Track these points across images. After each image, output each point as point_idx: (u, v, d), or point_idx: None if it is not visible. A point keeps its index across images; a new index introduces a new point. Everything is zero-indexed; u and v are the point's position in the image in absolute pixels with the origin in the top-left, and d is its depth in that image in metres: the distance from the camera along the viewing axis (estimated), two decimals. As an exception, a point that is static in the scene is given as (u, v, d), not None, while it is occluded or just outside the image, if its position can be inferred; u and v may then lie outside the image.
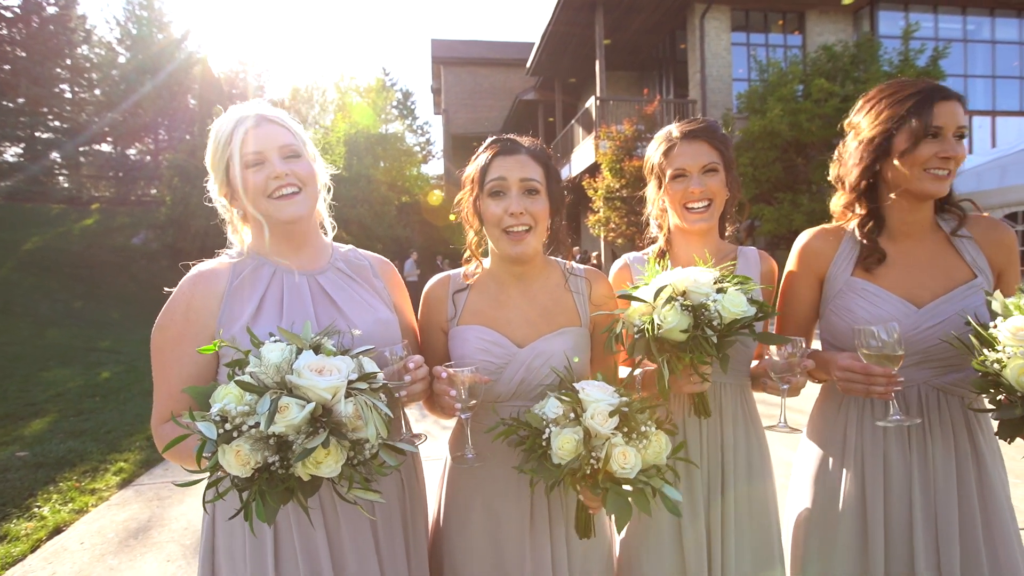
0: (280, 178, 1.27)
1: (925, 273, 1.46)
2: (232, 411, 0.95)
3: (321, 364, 0.99)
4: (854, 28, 15.16)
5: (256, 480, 0.95)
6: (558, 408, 1.22)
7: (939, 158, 1.37)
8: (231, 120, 1.28)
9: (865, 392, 1.30)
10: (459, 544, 1.47)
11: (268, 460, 0.95)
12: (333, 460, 0.98)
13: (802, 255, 1.61)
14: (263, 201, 1.27)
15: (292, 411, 0.94)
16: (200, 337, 1.23)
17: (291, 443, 0.95)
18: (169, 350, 1.25)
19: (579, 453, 1.15)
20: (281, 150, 1.29)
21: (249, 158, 1.26)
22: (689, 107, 14.93)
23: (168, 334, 1.25)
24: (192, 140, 18.05)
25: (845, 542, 1.48)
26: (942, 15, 15.34)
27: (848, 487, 1.50)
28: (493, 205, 1.39)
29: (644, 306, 1.31)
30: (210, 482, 0.99)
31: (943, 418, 1.44)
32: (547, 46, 17.78)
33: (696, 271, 1.32)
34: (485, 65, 28.81)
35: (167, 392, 1.25)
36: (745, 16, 15.00)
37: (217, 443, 0.94)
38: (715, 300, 1.25)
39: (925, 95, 1.39)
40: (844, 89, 11.54)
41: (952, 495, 1.41)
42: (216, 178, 1.32)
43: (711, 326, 1.25)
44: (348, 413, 0.98)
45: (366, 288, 1.43)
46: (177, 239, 16.25)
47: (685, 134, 1.59)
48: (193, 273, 1.29)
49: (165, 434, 1.22)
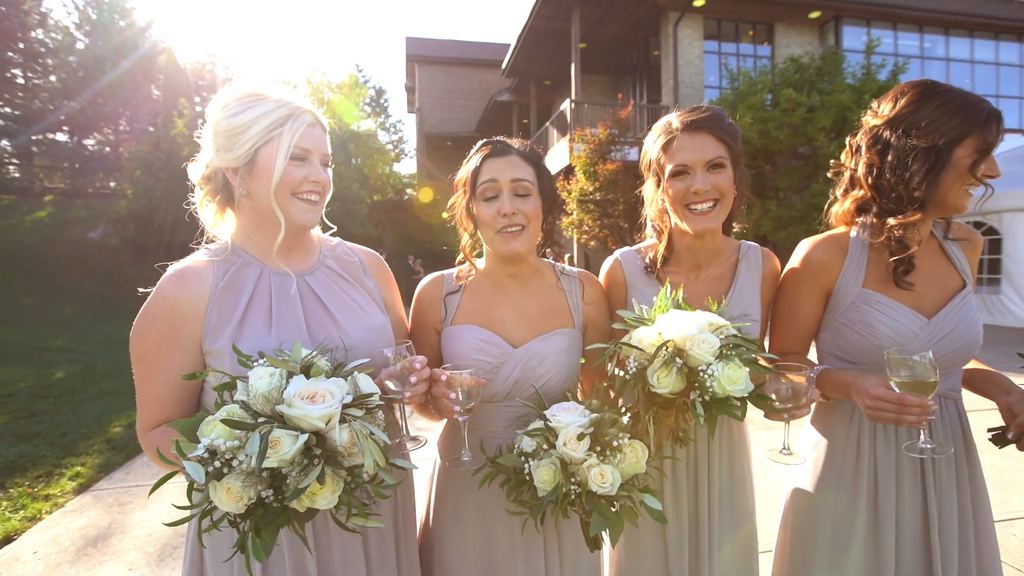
0: (317, 183, 1.25)
1: (926, 283, 1.43)
2: (221, 446, 0.89)
3: (312, 390, 0.94)
4: (820, 41, 15.65)
5: (252, 514, 0.91)
6: (532, 443, 1.22)
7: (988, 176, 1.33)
8: (283, 106, 1.22)
9: (896, 421, 1.22)
10: (451, 547, 1.45)
11: (262, 495, 0.90)
12: (329, 491, 0.94)
13: (807, 267, 1.49)
14: (287, 197, 1.22)
15: (284, 445, 0.89)
16: (186, 342, 1.17)
17: (285, 476, 0.91)
18: (153, 357, 1.17)
19: (558, 481, 1.15)
20: (323, 157, 1.27)
21: (298, 152, 1.22)
22: (662, 112, 15.11)
23: (151, 340, 1.17)
24: (156, 132, 17.41)
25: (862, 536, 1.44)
26: (901, 32, 15.98)
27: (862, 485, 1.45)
28: (485, 207, 1.38)
29: (640, 352, 1.24)
30: (203, 512, 0.92)
31: (943, 422, 1.44)
32: (523, 48, 17.82)
33: (704, 324, 1.21)
34: (460, 65, 28.69)
35: (153, 398, 1.19)
36: (717, 26, 15.33)
37: (207, 480, 0.89)
38: (712, 374, 1.16)
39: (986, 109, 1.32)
40: (810, 99, 11.88)
41: (953, 493, 1.42)
42: (231, 148, 1.21)
43: (700, 398, 1.17)
44: (343, 441, 0.94)
45: (358, 289, 1.38)
46: (139, 234, 15.66)
47: (687, 125, 1.43)
48: (173, 273, 1.21)
49: (154, 441, 1.17)
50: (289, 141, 1.20)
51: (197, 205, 1.31)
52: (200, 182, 1.29)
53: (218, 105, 1.23)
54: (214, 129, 1.23)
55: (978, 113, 1.29)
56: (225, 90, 1.25)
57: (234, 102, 1.22)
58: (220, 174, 1.26)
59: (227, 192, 1.28)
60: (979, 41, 16.67)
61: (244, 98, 1.22)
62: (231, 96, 1.23)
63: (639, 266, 1.58)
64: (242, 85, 1.24)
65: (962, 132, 1.29)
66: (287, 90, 1.26)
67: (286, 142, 1.19)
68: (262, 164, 1.20)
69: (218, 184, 1.28)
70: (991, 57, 16.82)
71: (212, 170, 1.26)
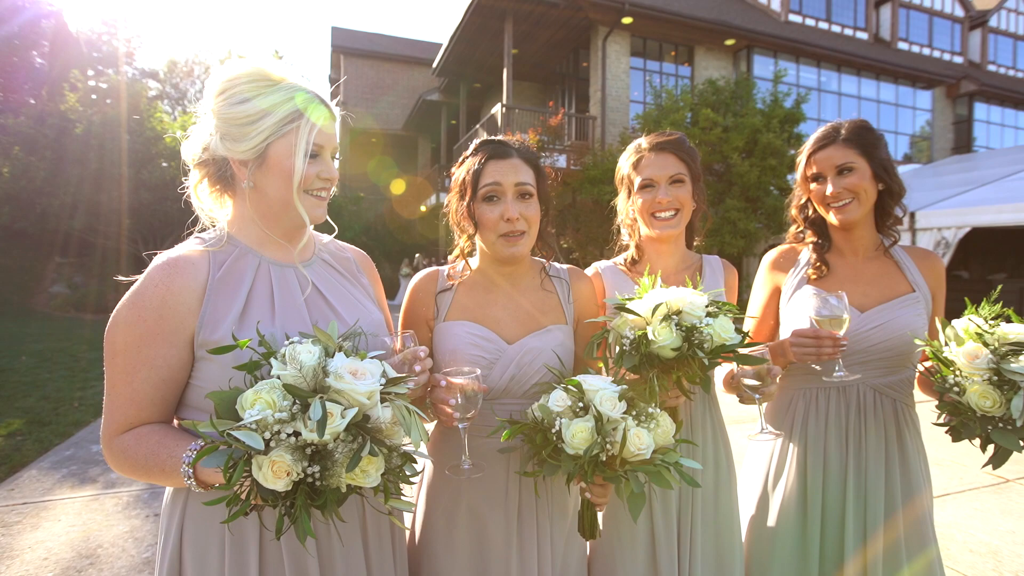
0: (328, 180, 1.20)
1: (870, 285, 1.66)
2: (269, 419, 0.86)
3: (355, 367, 0.93)
4: (734, 67, 16.85)
5: (299, 492, 0.87)
6: (564, 400, 1.20)
7: (830, 195, 1.63)
8: (296, 92, 1.14)
9: (816, 355, 1.44)
10: (442, 550, 1.41)
11: (308, 471, 0.87)
12: (374, 468, 0.92)
13: (763, 267, 1.81)
14: (301, 194, 1.15)
15: (336, 417, 0.87)
16: (175, 335, 1.07)
17: (331, 452, 0.88)
18: (136, 350, 1.06)
19: (594, 440, 1.13)
20: (334, 150, 1.21)
21: (314, 148, 1.15)
22: (590, 123, 15.64)
23: (136, 332, 1.06)
24: (39, 105, 15.52)
25: (786, 525, 1.63)
26: (803, 66, 17.57)
27: (791, 474, 1.65)
28: (488, 210, 1.39)
29: (637, 319, 1.32)
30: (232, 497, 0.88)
31: (877, 416, 1.62)
32: (455, 49, 17.73)
33: (689, 293, 1.33)
34: (389, 60, 28.03)
35: (129, 396, 1.06)
36: (643, 44, 16.07)
37: (252, 455, 0.85)
38: (707, 324, 1.28)
39: (815, 142, 1.69)
40: (726, 120, 12.76)
41: (880, 485, 1.59)
42: (239, 140, 1.13)
43: (701, 348, 1.27)
44: (386, 418, 0.93)
45: (354, 284, 1.34)
46: (15, 218, 13.88)
47: (653, 146, 1.67)
48: (164, 262, 1.11)
49: (128, 445, 1.05)
50: (307, 139, 1.13)
51: (190, 188, 1.22)
52: (195, 165, 1.20)
53: (222, 86, 1.13)
54: (218, 114, 1.13)
55: (806, 151, 1.71)
56: (229, 68, 1.14)
57: (243, 85, 1.12)
58: (222, 161, 1.17)
59: (226, 179, 1.19)
60: (864, 80, 18.67)
61: (254, 81, 1.13)
62: (238, 77, 1.13)
63: (617, 275, 1.72)
64: (250, 63, 1.14)
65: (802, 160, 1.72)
66: (298, 72, 1.17)
67: (303, 139, 1.12)
68: (274, 160, 1.13)
69: (216, 169, 1.18)
70: (873, 95, 18.88)
71: (211, 155, 1.17)
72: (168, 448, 1.03)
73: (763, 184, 12.61)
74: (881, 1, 20.60)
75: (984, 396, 1.23)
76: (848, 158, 1.61)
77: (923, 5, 21.07)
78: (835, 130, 1.66)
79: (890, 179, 1.63)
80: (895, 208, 1.68)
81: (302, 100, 1.14)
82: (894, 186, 1.64)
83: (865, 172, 1.61)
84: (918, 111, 19.90)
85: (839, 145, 1.63)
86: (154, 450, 1.04)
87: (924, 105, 19.96)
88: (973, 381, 1.25)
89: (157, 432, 1.07)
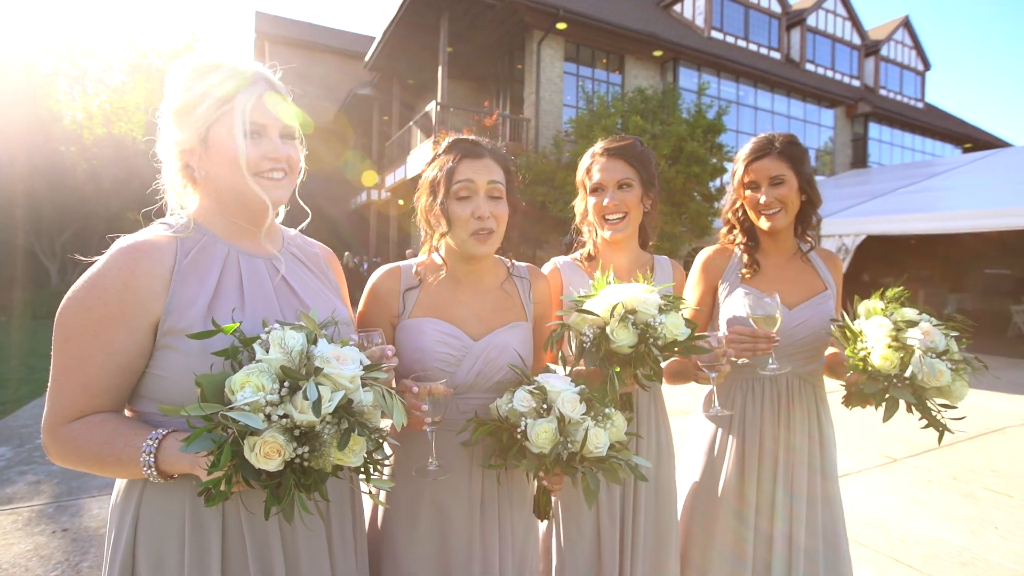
0: (277, 161, 1.14)
1: (793, 284, 1.83)
2: (261, 401, 0.87)
3: (337, 352, 0.96)
4: (661, 77, 17.64)
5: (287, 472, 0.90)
6: (529, 401, 1.26)
7: (763, 204, 1.77)
8: (234, 76, 1.10)
9: (752, 351, 1.57)
10: (404, 541, 1.42)
11: (297, 452, 0.89)
12: (360, 448, 0.96)
13: (698, 266, 1.92)
14: (249, 177, 1.11)
15: (326, 399, 0.90)
16: (136, 321, 1.02)
17: (319, 433, 0.91)
18: (93, 335, 1.01)
19: (557, 440, 1.21)
20: (283, 129, 1.15)
21: (252, 128, 1.10)
22: (524, 125, 15.84)
23: (94, 315, 1.01)
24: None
25: (729, 492, 1.78)
26: (724, 80, 18.69)
27: (732, 453, 1.81)
28: (460, 208, 1.41)
29: (595, 318, 1.39)
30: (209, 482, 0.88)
31: (801, 400, 1.83)
32: (388, 43, 17.42)
33: (642, 291, 1.40)
34: (318, 51, 27.09)
35: (81, 383, 1.01)
36: (576, 49, 16.48)
37: (241, 437, 0.86)
38: (660, 322, 1.36)
39: (750, 152, 1.81)
40: (654, 128, 13.31)
41: (804, 455, 1.80)
42: (186, 126, 1.11)
43: (655, 344, 1.36)
44: (368, 402, 0.97)
45: (322, 280, 1.32)
46: None
47: (604, 151, 1.77)
48: (129, 245, 1.06)
49: (77, 434, 1.00)
50: (242, 116, 1.09)
51: (165, 183, 1.19)
52: (165, 160, 1.17)
53: (169, 80, 1.11)
54: (168, 107, 1.12)
55: (743, 162, 1.82)
56: (179, 61, 1.12)
57: (186, 74, 1.11)
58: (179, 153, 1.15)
59: (189, 169, 1.16)
60: (777, 96, 20.12)
61: (197, 68, 1.10)
62: (183, 67, 1.11)
63: (575, 270, 1.80)
64: (199, 54, 1.12)
65: (738, 171, 1.83)
66: (244, 57, 1.14)
67: (239, 118, 1.08)
68: (216, 145, 1.10)
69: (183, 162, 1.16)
70: (784, 111, 20.38)
71: (169, 149, 1.15)
72: (124, 437, 0.98)
73: (687, 190, 13.27)
74: (792, 24, 22.27)
75: (885, 358, 1.46)
76: (780, 170, 1.76)
77: (827, 31, 22.99)
78: (769, 142, 1.80)
79: (812, 191, 1.81)
80: (813, 216, 1.87)
81: (238, 79, 1.10)
82: (815, 197, 1.83)
83: (793, 184, 1.77)
84: (822, 128, 21.69)
85: (773, 157, 1.77)
86: (109, 439, 0.99)
87: (828, 123, 21.79)
88: (877, 347, 1.48)
89: (111, 421, 1.02)
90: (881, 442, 5.02)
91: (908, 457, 4.67)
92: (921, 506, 3.73)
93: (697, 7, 20.25)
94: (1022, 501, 3.81)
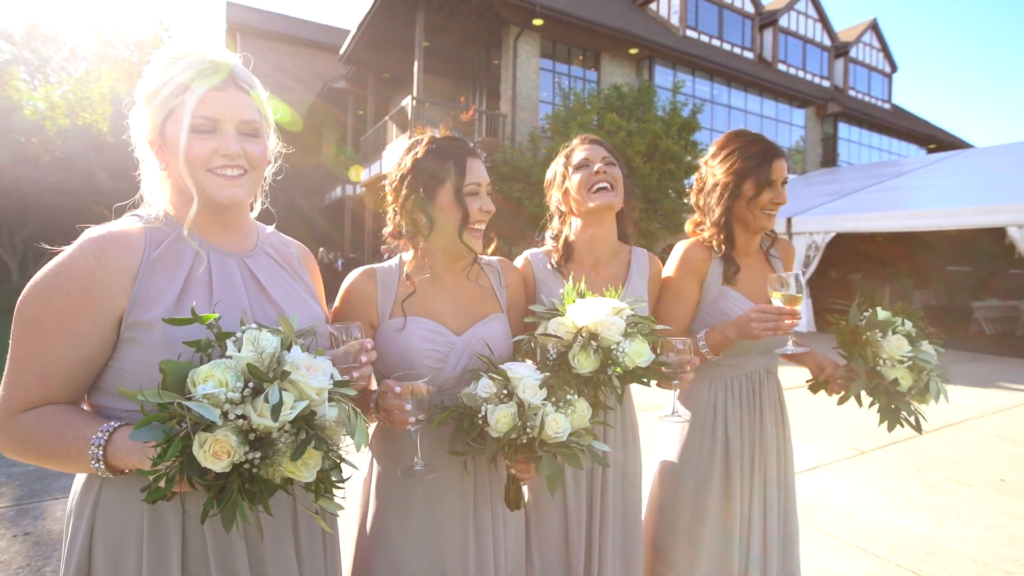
0: (231, 157, 1.08)
1: (761, 281, 1.84)
2: (221, 397, 0.84)
3: (309, 362, 0.93)
4: (637, 75, 17.76)
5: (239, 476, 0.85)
6: (490, 387, 1.26)
7: (773, 203, 1.77)
8: (192, 66, 1.05)
9: (775, 328, 1.59)
10: (397, 535, 1.42)
11: (248, 456, 0.85)
12: (314, 463, 0.91)
13: (687, 261, 1.86)
14: (200, 172, 1.07)
15: (287, 406, 0.87)
16: (100, 313, 0.99)
17: (274, 441, 0.87)
18: (54, 324, 0.98)
19: (515, 425, 1.21)
20: (240, 125, 1.09)
21: (201, 122, 1.05)
22: (500, 120, 15.79)
23: (56, 305, 0.98)
24: None
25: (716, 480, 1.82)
26: (699, 79, 18.91)
27: (718, 443, 1.85)
28: (471, 204, 1.42)
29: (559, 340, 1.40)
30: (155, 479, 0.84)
31: (769, 392, 1.91)
32: (364, 37, 17.18)
33: (608, 310, 1.37)
34: (292, 43, 26.59)
35: (38, 374, 0.96)
36: (552, 46, 16.48)
37: (194, 432, 0.81)
38: (623, 351, 1.35)
39: (766, 153, 1.76)
40: (629, 125, 13.39)
41: (773, 444, 1.88)
42: (147, 118, 1.08)
43: (615, 374, 1.35)
44: (331, 417, 0.93)
45: (296, 279, 1.29)
46: None
47: (584, 139, 1.83)
48: (99, 236, 1.04)
49: (27, 425, 0.96)
50: (190, 109, 1.04)
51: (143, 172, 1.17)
52: (138, 149, 1.15)
53: (148, 66, 1.08)
54: (138, 95, 1.09)
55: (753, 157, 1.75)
56: (161, 48, 1.10)
57: (156, 62, 1.07)
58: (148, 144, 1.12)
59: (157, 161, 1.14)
60: (750, 96, 20.45)
61: (162, 61, 1.07)
62: (159, 55, 1.08)
63: (546, 264, 1.79)
64: (178, 43, 1.09)
65: (747, 170, 1.75)
66: (218, 47, 1.09)
67: (187, 110, 1.04)
68: (170, 138, 1.06)
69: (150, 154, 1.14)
70: (757, 110, 20.74)
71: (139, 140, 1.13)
72: (75, 428, 0.94)
73: (662, 187, 13.40)
74: (764, 25, 22.64)
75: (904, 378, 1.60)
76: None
77: (798, 32, 23.44)
78: (774, 144, 1.80)
79: None
80: None
81: (195, 70, 1.05)
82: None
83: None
84: (794, 127, 22.13)
85: (782, 159, 1.78)
86: (59, 430, 0.94)
87: (799, 122, 22.24)
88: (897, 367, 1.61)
89: (63, 412, 0.98)
90: (851, 435, 5.15)
91: (875, 449, 4.80)
92: (888, 497, 3.83)
93: (672, 6, 20.42)
94: (982, 491, 3.95)
